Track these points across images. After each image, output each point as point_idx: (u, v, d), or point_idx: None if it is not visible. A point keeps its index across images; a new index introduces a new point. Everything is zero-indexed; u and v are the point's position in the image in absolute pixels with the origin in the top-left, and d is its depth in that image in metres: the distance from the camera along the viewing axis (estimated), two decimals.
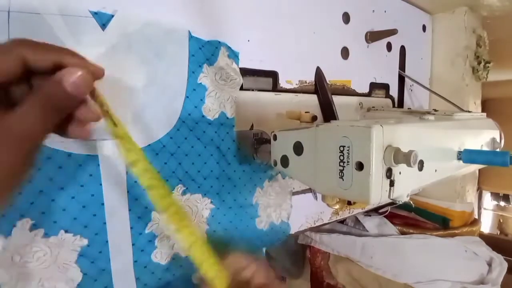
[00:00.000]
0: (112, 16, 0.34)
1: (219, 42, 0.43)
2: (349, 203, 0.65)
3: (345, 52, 0.62)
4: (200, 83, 0.41)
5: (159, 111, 0.38)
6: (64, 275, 0.33)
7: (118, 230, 0.36)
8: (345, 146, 0.32)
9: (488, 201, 1.98)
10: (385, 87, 0.74)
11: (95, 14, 0.33)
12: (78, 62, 0.23)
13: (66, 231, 0.32)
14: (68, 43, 0.31)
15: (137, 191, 0.37)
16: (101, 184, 0.34)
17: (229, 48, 0.44)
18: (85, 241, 0.34)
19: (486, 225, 1.99)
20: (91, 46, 0.33)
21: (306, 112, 0.49)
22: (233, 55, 0.45)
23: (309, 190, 0.58)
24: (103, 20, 0.34)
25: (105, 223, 0.35)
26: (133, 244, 0.37)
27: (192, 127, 0.41)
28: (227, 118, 0.44)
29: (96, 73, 0.25)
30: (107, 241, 0.35)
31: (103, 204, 0.35)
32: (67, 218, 0.32)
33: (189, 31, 0.40)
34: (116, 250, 0.36)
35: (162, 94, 0.38)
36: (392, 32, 0.66)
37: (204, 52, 0.41)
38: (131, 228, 0.37)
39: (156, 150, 0.38)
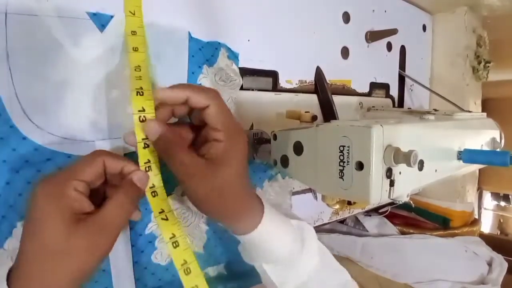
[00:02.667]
0: (111, 17, 0.34)
1: (219, 43, 0.43)
2: (349, 203, 0.65)
3: (345, 52, 0.62)
4: (200, 84, 0.41)
5: None
6: None
7: None
8: (345, 146, 0.32)
9: (488, 201, 1.98)
10: (385, 87, 0.74)
11: (94, 16, 0.33)
12: (135, 167, 0.30)
13: None
14: (66, 45, 0.31)
15: None
16: None
17: (229, 49, 0.44)
18: None
19: (486, 225, 1.99)
20: (90, 48, 0.33)
21: (306, 112, 0.49)
22: (233, 56, 0.45)
23: (309, 190, 0.58)
24: (102, 21, 0.33)
25: None
26: (133, 246, 0.37)
27: None
28: None
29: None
30: None
31: None
32: None
33: (189, 32, 0.40)
34: (115, 252, 0.36)
35: None
36: (392, 31, 0.66)
37: (204, 53, 0.41)
38: (130, 229, 0.37)
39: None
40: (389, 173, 0.32)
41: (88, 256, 0.25)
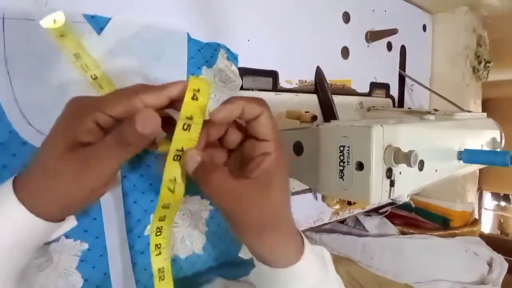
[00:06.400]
0: (109, 19, 0.34)
1: (218, 44, 0.43)
2: (349, 203, 0.65)
3: (345, 52, 0.62)
4: None
5: None
6: (65, 281, 0.32)
7: (116, 233, 0.36)
8: (345, 146, 0.32)
9: (489, 201, 1.98)
10: (386, 87, 0.74)
11: (92, 18, 0.33)
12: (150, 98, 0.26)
13: (66, 237, 0.32)
14: None
15: (135, 193, 0.37)
16: None
17: (228, 50, 0.44)
18: (85, 245, 0.33)
19: (487, 225, 1.99)
20: (88, 51, 0.33)
21: (306, 112, 0.49)
22: (232, 57, 0.45)
23: (309, 190, 0.58)
24: (100, 24, 0.33)
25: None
26: (132, 247, 0.37)
27: None
28: None
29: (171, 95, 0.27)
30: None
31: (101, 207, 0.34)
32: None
33: (187, 33, 0.40)
34: (114, 254, 0.36)
35: None
36: (393, 31, 0.66)
37: (203, 54, 0.41)
38: (129, 231, 0.37)
39: (155, 152, 0.38)
40: (389, 173, 0.32)
41: (73, 183, 0.24)
